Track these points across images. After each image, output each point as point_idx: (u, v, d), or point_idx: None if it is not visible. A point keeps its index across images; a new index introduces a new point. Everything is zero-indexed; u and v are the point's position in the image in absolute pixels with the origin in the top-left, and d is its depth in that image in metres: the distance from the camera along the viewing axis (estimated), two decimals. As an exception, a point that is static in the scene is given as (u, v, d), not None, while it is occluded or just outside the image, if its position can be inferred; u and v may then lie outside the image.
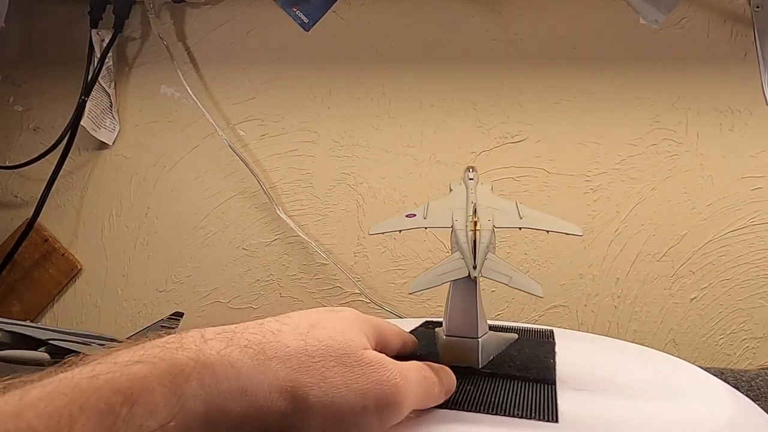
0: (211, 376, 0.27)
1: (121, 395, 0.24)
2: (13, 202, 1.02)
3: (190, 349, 0.28)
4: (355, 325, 0.34)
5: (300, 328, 0.32)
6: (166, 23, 0.96)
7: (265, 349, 0.29)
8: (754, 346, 0.82)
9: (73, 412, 0.23)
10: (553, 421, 0.35)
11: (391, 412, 0.32)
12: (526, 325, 0.55)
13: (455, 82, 0.88)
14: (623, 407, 0.37)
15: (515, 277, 0.38)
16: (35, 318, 1.00)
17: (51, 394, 0.23)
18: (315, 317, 0.33)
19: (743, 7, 0.81)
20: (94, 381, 0.24)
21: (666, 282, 0.84)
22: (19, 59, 1.02)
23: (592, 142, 0.85)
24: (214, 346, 0.28)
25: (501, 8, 0.87)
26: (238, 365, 0.28)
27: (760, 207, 0.81)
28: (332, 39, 0.92)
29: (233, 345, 0.29)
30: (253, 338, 0.30)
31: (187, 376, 0.26)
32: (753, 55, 0.81)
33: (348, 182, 0.92)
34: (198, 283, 0.97)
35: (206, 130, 0.95)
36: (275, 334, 0.31)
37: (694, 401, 0.40)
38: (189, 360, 0.27)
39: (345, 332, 0.32)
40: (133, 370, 0.25)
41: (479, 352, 0.42)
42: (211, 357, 0.27)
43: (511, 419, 0.35)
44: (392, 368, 0.32)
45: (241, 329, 0.31)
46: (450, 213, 0.44)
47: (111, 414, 0.23)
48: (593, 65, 0.85)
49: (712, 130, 0.82)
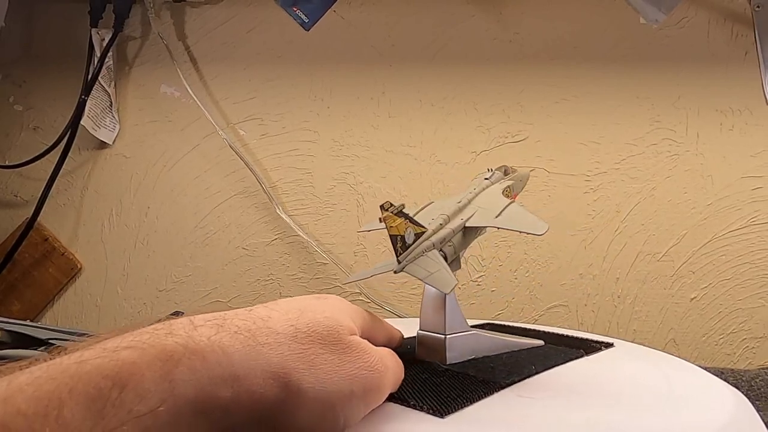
0: (202, 361, 0.27)
1: (110, 380, 0.24)
2: (13, 201, 1.02)
3: (179, 335, 0.27)
4: (342, 311, 0.35)
5: (289, 314, 0.32)
6: (166, 22, 0.96)
7: (256, 335, 0.30)
8: (754, 346, 0.82)
9: (62, 396, 0.23)
10: (438, 416, 0.34)
11: (374, 397, 0.33)
12: (588, 335, 0.53)
13: (455, 82, 0.88)
14: (623, 408, 0.37)
15: (434, 275, 0.39)
16: (35, 317, 1.00)
17: (39, 379, 0.23)
18: (303, 304, 0.34)
19: (743, 7, 0.81)
20: (83, 366, 0.24)
21: (666, 282, 0.84)
22: (20, 58, 1.02)
23: (592, 142, 0.85)
24: (204, 333, 0.28)
25: (501, 8, 0.87)
26: (229, 351, 0.28)
27: (760, 207, 0.81)
28: (332, 39, 0.92)
29: (223, 331, 0.29)
30: (243, 324, 0.30)
31: (176, 361, 0.26)
32: (753, 55, 0.81)
33: (348, 182, 0.92)
34: (198, 282, 0.97)
35: (206, 130, 0.95)
36: (265, 320, 0.31)
37: (694, 401, 0.40)
38: (178, 346, 0.27)
39: (333, 318, 0.33)
40: (122, 356, 0.25)
41: (446, 349, 0.42)
42: (201, 343, 0.27)
43: (399, 408, 0.36)
44: (375, 354, 0.33)
45: (230, 316, 0.31)
46: (436, 212, 0.45)
47: (100, 398, 0.23)
48: (593, 65, 0.85)
49: (712, 130, 0.82)
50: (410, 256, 0.40)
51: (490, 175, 0.51)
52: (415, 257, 0.40)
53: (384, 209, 0.39)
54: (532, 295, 0.87)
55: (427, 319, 0.43)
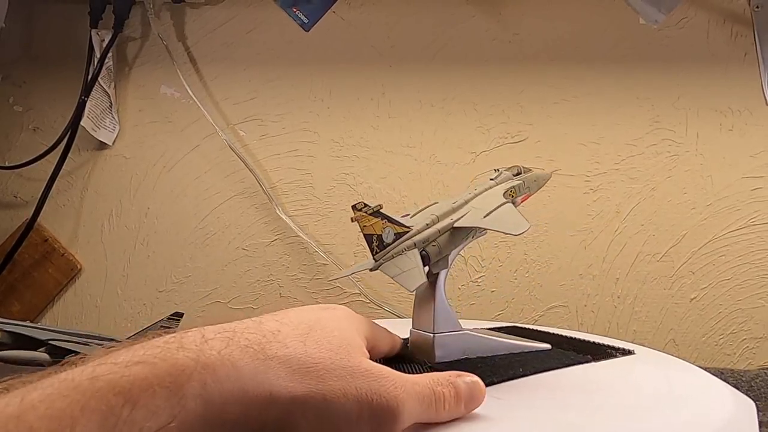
0: (212, 376, 0.27)
1: (122, 397, 0.24)
2: (13, 202, 1.02)
3: (190, 350, 0.28)
4: (351, 326, 0.34)
5: (299, 328, 0.32)
6: (166, 23, 0.96)
7: (266, 349, 0.29)
8: (754, 346, 0.82)
9: (74, 414, 0.23)
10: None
11: (386, 423, 0.31)
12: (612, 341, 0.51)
13: (455, 82, 0.89)
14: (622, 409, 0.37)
15: (404, 273, 0.40)
16: (35, 318, 1.00)
17: (52, 396, 0.23)
18: (312, 317, 0.33)
19: (743, 7, 0.81)
20: (95, 383, 0.24)
21: (666, 282, 0.84)
22: (19, 59, 1.02)
23: (592, 142, 0.85)
24: (214, 346, 0.28)
25: (501, 8, 0.87)
26: (239, 365, 0.28)
27: (759, 207, 0.81)
28: (332, 39, 0.92)
29: (233, 345, 0.29)
30: (253, 338, 0.30)
31: (188, 376, 0.26)
32: (753, 55, 0.81)
33: (348, 182, 0.92)
34: (198, 283, 0.97)
35: (206, 130, 0.95)
36: (275, 334, 0.31)
37: (694, 401, 0.40)
38: (190, 360, 0.27)
39: (343, 336, 0.33)
40: (133, 371, 0.25)
41: (434, 348, 0.42)
42: (211, 357, 0.28)
43: None
44: (393, 380, 0.32)
45: (240, 329, 0.31)
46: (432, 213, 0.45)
47: (112, 416, 0.23)
48: (593, 65, 0.85)
49: (712, 130, 0.82)
50: (387, 255, 0.41)
51: (496, 175, 0.51)
52: (393, 256, 0.41)
53: (356, 209, 0.41)
54: (532, 296, 0.87)
55: (418, 317, 0.44)
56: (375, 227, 0.41)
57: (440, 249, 0.43)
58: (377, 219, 0.40)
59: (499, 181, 0.50)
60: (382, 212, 0.41)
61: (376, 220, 0.41)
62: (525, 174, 0.52)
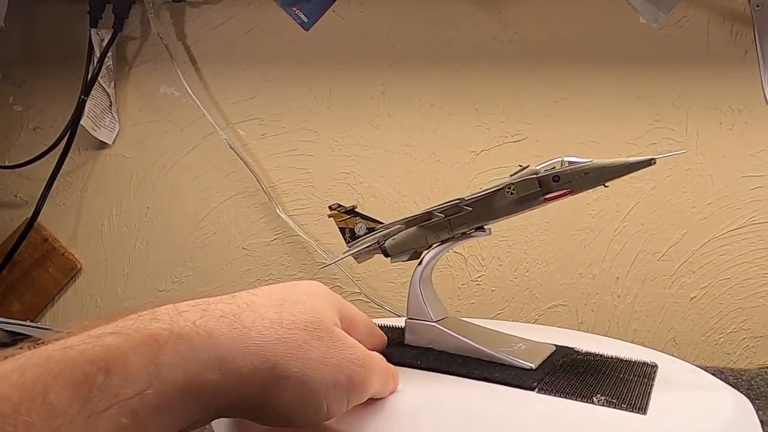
0: (188, 345, 0.27)
1: (96, 365, 0.24)
2: (13, 201, 1.02)
3: (164, 321, 0.28)
4: (325, 299, 0.35)
5: (273, 299, 0.32)
6: (165, 22, 0.96)
7: (242, 319, 0.30)
8: (754, 345, 0.82)
9: (47, 382, 0.23)
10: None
11: (358, 392, 0.33)
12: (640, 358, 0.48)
13: (455, 82, 0.88)
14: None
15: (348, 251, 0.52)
16: (35, 318, 1.00)
17: (24, 365, 0.23)
18: (286, 290, 0.34)
19: (743, 7, 0.81)
20: (68, 352, 0.24)
21: (666, 281, 0.84)
22: (19, 59, 1.02)
23: (591, 141, 0.85)
24: (188, 318, 0.28)
25: (501, 8, 0.87)
26: (215, 335, 0.28)
27: (759, 206, 0.81)
28: (332, 39, 0.92)
29: (208, 316, 0.29)
30: (228, 309, 0.30)
31: (162, 345, 0.26)
32: (753, 55, 0.81)
33: (348, 182, 0.92)
34: (198, 283, 0.97)
35: (206, 130, 0.95)
36: (249, 305, 0.31)
37: (694, 401, 0.40)
38: (163, 330, 0.27)
39: (316, 306, 0.33)
40: (106, 341, 0.25)
41: (405, 330, 0.48)
42: (186, 327, 0.28)
43: None
44: (361, 350, 0.33)
45: (214, 301, 0.31)
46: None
47: (86, 382, 0.23)
48: (593, 64, 0.85)
49: (712, 129, 0.82)
50: (357, 244, 0.52)
51: (517, 170, 0.51)
52: (363, 244, 0.51)
53: (331, 209, 0.54)
54: (532, 295, 0.87)
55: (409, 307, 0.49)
56: (347, 222, 0.52)
57: (399, 243, 0.49)
58: (349, 216, 0.52)
59: (520, 176, 0.51)
60: (356, 211, 0.53)
61: (348, 217, 0.52)
62: (571, 166, 0.49)
